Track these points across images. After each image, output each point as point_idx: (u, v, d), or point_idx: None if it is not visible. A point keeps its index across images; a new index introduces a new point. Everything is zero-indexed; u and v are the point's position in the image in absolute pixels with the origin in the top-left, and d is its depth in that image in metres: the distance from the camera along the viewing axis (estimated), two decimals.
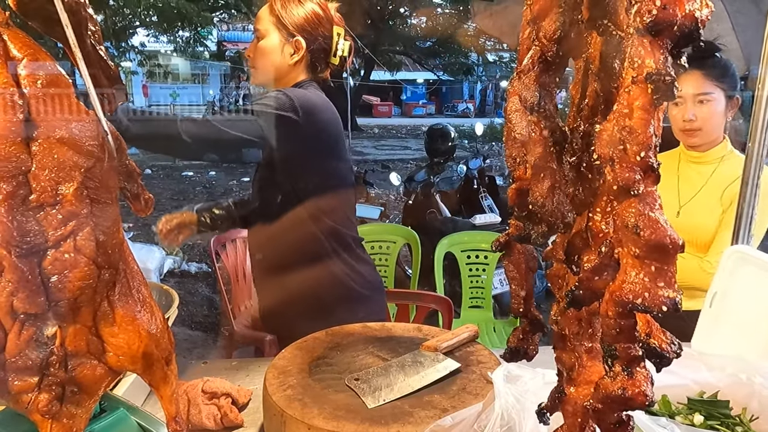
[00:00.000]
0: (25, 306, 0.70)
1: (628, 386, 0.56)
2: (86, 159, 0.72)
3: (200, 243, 7.17)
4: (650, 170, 0.51)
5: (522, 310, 0.78)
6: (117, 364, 0.79)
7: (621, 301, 0.53)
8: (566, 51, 0.65)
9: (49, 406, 0.74)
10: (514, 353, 0.82)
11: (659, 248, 0.51)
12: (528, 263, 0.78)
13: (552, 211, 0.64)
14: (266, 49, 1.87)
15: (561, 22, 0.65)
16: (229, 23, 14.90)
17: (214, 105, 22.73)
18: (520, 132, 0.65)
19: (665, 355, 0.53)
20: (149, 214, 0.89)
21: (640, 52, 0.50)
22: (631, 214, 0.51)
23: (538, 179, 0.66)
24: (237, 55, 20.88)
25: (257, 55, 1.89)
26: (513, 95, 0.71)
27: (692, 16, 0.49)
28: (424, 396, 1.34)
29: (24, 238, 0.69)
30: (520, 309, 0.78)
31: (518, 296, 0.78)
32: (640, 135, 0.50)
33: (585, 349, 0.70)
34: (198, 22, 10.81)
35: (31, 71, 0.69)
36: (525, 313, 0.79)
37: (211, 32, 15.01)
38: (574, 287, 0.61)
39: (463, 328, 1.64)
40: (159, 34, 11.85)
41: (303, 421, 1.23)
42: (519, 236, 0.72)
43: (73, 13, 0.75)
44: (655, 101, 0.50)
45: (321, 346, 1.61)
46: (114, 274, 0.77)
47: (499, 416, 1.05)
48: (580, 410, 0.67)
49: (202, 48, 13.96)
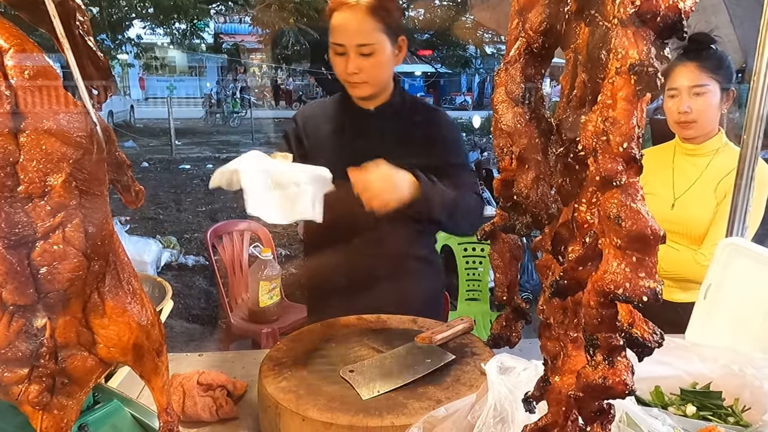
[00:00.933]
0: (14, 297, 0.70)
1: (609, 375, 0.56)
2: (75, 150, 0.71)
3: (197, 236, 7.18)
4: (632, 161, 0.51)
5: (506, 298, 0.80)
6: (107, 355, 0.79)
7: (602, 291, 0.53)
8: (552, 42, 0.66)
9: (39, 397, 0.74)
10: (497, 340, 0.83)
11: (640, 239, 0.51)
12: (512, 252, 0.79)
13: (536, 202, 0.65)
14: (383, 61, 1.77)
15: (547, 13, 0.65)
16: (226, 15, 14.83)
17: (211, 98, 22.67)
18: (506, 123, 0.65)
19: (647, 344, 0.54)
20: (140, 205, 0.89)
21: (624, 43, 0.50)
22: (613, 204, 0.52)
23: (523, 170, 0.66)
24: (234, 47, 20.81)
25: (372, 71, 1.77)
26: (499, 86, 0.72)
27: (675, 7, 0.49)
28: (418, 387, 1.35)
29: (12, 230, 0.69)
30: (503, 297, 0.79)
31: (502, 284, 0.80)
32: (623, 126, 0.50)
33: (570, 339, 0.70)
34: (194, 14, 10.75)
35: (17, 62, 0.68)
36: (508, 300, 0.80)
37: (208, 24, 14.94)
38: (559, 277, 0.61)
39: (458, 320, 1.64)
40: (155, 26, 11.79)
41: (298, 413, 1.24)
42: (504, 226, 0.73)
43: (61, 3, 0.74)
44: (638, 92, 0.50)
45: (316, 338, 1.62)
46: (104, 266, 0.77)
47: (492, 407, 1.06)
48: (564, 399, 0.68)
49: (199, 40, 13.91)
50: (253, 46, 20.19)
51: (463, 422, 1.10)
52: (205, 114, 22.07)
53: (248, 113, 20.90)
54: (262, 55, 21.83)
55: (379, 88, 1.83)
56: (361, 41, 1.72)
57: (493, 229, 0.77)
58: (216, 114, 21.89)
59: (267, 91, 27.45)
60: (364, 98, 1.85)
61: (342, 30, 1.73)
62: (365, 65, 1.74)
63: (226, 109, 21.82)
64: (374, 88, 1.82)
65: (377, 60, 1.75)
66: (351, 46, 1.72)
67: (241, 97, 22.31)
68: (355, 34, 1.72)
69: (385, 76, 1.83)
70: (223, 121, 21.29)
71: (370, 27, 1.72)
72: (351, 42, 1.72)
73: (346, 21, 1.72)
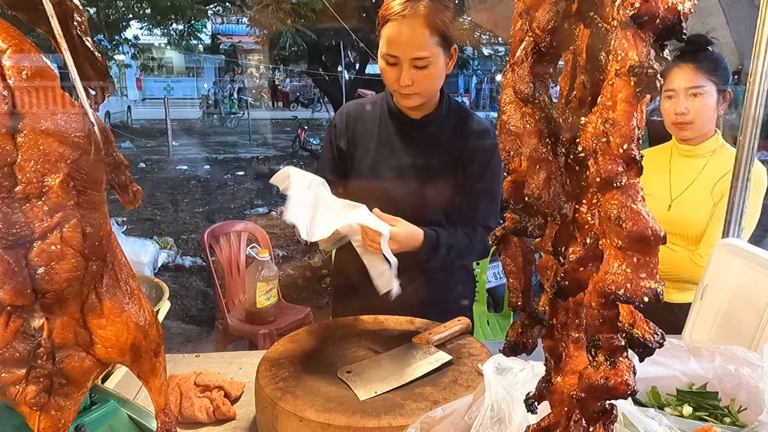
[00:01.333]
0: (11, 298, 0.70)
1: (611, 376, 0.56)
2: (72, 151, 0.71)
3: (194, 237, 7.17)
4: (633, 162, 0.51)
5: (520, 304, 0.78)
6: (105, 356, 0.79)
7: (604, 292, 0.53)
8: (560, 41, 0.65)
9: (36, 398, 0.73)
10: (514, 348, 0.81)
11: (641, 240, 0.51)
12: (525, 256, 0.77)
13: (549, 203, 0.64)
14: (437, 73, 1.74)
15: (555, 12, 0.64)
16: (224, 16, 14.81)
17: (209, 98, 22.65)
18: (514, 124, 0.65)
19: (648, 345, 0.54)
20: (138, 206, 0.89)
21: (624, 45, 0.50)
22: (614, 206, 0.52)
23: (533, 171, 0.65)
24: (231, 48, 20.79)
25: (426, 83, 1.73)
26: (507, 87, 0.71)
27: (674, 9, 0.49)
28: (415, 388, 1.35)
29: (10, 230, 0.68)
30: (518, 303, 0.78)
31: (516, 290, 0.78)
32: (623, 127, 0.50)
33: (572, 340, 0.70)
34: (192, 15, 10.73)
35: (15, 62, 0.68)
36: (523, 306, 0.78)
37: (205, 25, 14.92)
38: (560, 278, 0.61)
39: (456, 321, 1.64)
40: (152, 27, 11.76)
41: (295, 414, 1.24)
42: (515, 229, 0.72)
43: (59, 3, 0.74)
44: (638, 94, 0.51)
45: (314, 339, 1.62)
46: (101, 266, 0.77)
47: (489, 408, 1.06)
48: (567, 399, 0.67)
49: (196, 41, 13.87)
50: (250, 46, 20.18)
51: (460, 423, 1.10)
52: (202, 115, 22.07)
53: (245, 114, 20.89)
54: (259, 56, 21.83)
55: (428, 99, 1.81)
56: (416, 54, 1.67)
57: (505, 234, 0.76)
58: (213, 115, 21.89)
59: (264, 92, 27.44)
60: (412, 108, 1.82)
61: (396, 41, 1.68)
62: (419, 77, 1.70)
63: (224, 110, 21.81)
64: (424, 99, 1.78)
65: (431, 72, 1.71)
66: (405, 59, 1.68)
67: (239, 98, 22.31)
68: (410, 47, 1.67)
69: (437, 88, 1.80)
70: (221, 122, 21.28)
71: (427, 40, 1.67)
72: (406, 55, 1.68)
73: (401, 32, 1.66)
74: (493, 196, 1.92)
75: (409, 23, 1.65)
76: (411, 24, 1.65)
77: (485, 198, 1.89)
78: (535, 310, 0.83)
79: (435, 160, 1.84)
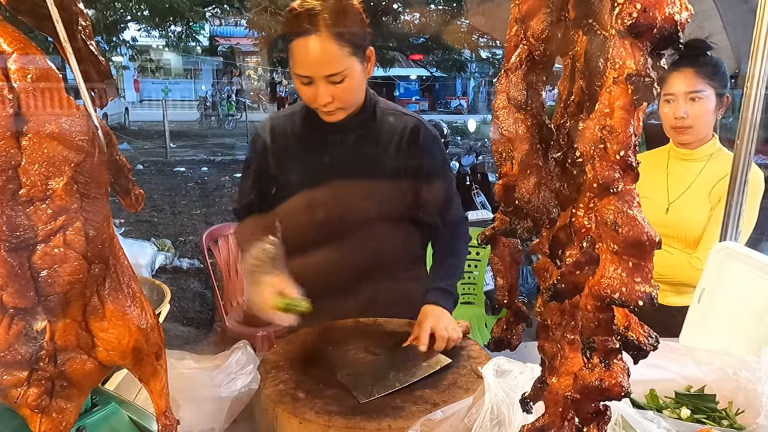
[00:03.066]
0: (14, 300, 0.70)
1: (606, 377, 0.57)
2: (76, 154, 0.72)
3: (192, 239, 7.16)
4: (629, 169, 0.52)
5: (506, 302, 0.80)
6: (107, 358, 0.79)
7: (599, 295, 0.54)
8: (554, 50, 0.66)
9: (38, 400, 0.74)
10: (498, 343, 0.84)
11: (636, 245, 0.52)
12: (513, 256, 0.79)
13: (538, 207, 0.65)
14: (354, 84, 1.62)
15: (549, 21, 0.65)
16: (222, 18, 14.82)
17: (207, 100, 22.65)
18: (507, 129, 0.66)
19: (642, 347, 0.55)
20: (140, 209, 0.90)
21: (621, 54, 0.51)
22: (610, 211, 0.53)
23: (524, 175, 0.67)
24: (229, 50, 20.79)
25: (346, 96, 1.63)
26: (501, 92, 0.72)
27: (672, 19, 0.50)
28: (415, 390, 1.36)
29: (13, 233, 0.69)
30: (504, 300, 0.80)
31: (503, 288, 0.80)
32: (620, 134, 0.51)
33: (567, 341, 0.71)
34: (190, 17, 10.74)
35: (20, 65, 0.69)
36: (509, 304, 0.80)
37: (203, 27, 14.91)
38: (556, 281, 0.62)
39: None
40: (150, 29, 11.77)
41: (295, 416, 1.24)
42: (504, 230, 0.73)
43: (64, 8, 0.75)
44: (635, 101, 0.51)
45: (313, 341, 1.62)
46: (104, 269, 0.77)
47: (488, 410, 1.06)
48: (561, 400, 0.68)
49: (194, 43, 13.87)
50: (248, 49, 20.18)
51: (459, 425, 1.11)
52: (200, 117, 22.05)
53: (243, 116, 20.89)
54: (257, 58, 21.84)
55: (353, 108, 1.71)
56: (330, 71, 1.56)
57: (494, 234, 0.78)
58: (211, 117, 21.88)
59: (262, 94, 27.43)
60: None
61: (305, 61, 1.56)
62: (337, 92, 1.60)
63: (221, 112, 21.81)
64: (349, 110, 1.69)
65: (349, 85, 1.60)
66: (319, 77, 1.56)
67: (237, 100, 22.32)
68: (322, 66, 1.55)
69: (359, 96, 1.70)
70: (218, 123, 21.28)
71: (337, 54, 1.55)
72: (319, 73, 1.56)
73: (309, 51, 1.54)
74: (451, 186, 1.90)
75: (315, 40, 1.53)
76: (317, 40, 1.53)
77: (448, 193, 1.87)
78: (520, 308, 0.85)
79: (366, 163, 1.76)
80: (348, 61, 1.57)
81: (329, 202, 1.76)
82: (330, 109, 1.64)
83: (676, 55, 2.11)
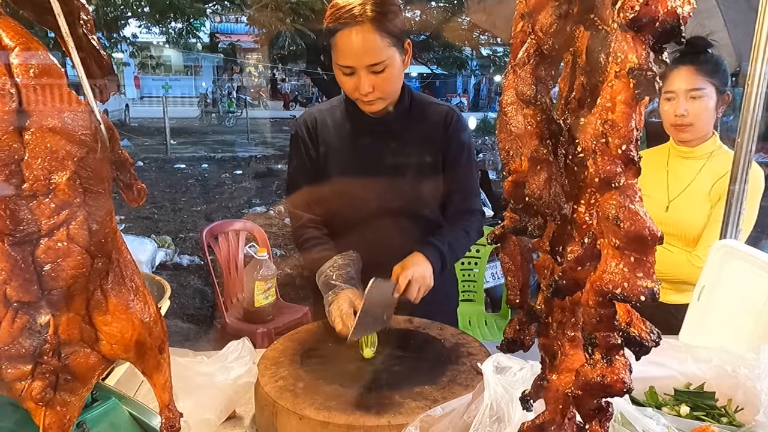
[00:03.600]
0: (18, 294, 0.71)
1: (607, 374, 0.57)
2: (79, 148, 0.72)
3: (192, 235, 7.16)
4: (631, 163, 0.52)
5: (518, 302, 0.79)
6: (110, 352, 0.80)
7: (601, 291, 0.54)
8: (562, 44, 0.66)
9: (42, 393, 0.74)
10: (511, 344, 0.82)
11: (638, 239, 0.52)
12: (523, 255, 0.78)
13: (549, 203, 0.65)
14: (395, 74, 1.70)
15: (557, 15, 0.65)
16: (222, 14, 14.80)
17: (207, 97, 22.63)
18: (516, 125, 0.66)
19: (644, 343, 0.55)
20: (141, 204, 0.90)
21: (623, 48, 0.51)
22: (612, 206, 0.53)
23: (534, 171, 0.66)
24: (230, 47, 20.77)
25: (387, 86, 1.70)
26: (509, 88, 0.72)
27: (674, 13, 0.50)
28: (414, 387, 1.36)
29: (17, 227, 0.69)
30: (516, 300, 0.79)
31: (514, 288, 0.79)
32: (622, 129, 0.51)
33: (568, 338, 0.71)
34: (190, 14, 10.72)
35: (23, 60, 0.69)
36: (521, 304, 0.79)
37: (204, 24, 14.89)
38: (558, 277, 0.62)
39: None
40: (151, 25, 11.75)
41: (294, 412, 1.25)
42: (514, 228, 0.73)
43: (65, 2, 0.75)
44: (637, 96, 0.51)
45: (313, 338, 1.63)
46: (107, 263, 0.78)
47: (488, 406, 1.07)
48: (562, 397, 0.69)
49: (195, 39, 13.84)
50: (249, 45, 20.15)
51: (459, 421, 1.11)
52: (200, 113, 22.05)
53: (244, 113, 20.88)
54: (258, 55, 21.80)
55: (392, 100, 1.78)
56: (372, 61, 1.64)
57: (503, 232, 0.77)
58: (211, 113, 21.87)
59: (263, 91, 27.42)
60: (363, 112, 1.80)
61: (349, 51, 1.64)
62: (378, 82, 1.67)
63: (222, 109, 21.80)
64: (387, 101, 1.76)
65: (389, 75, 1.68)
66: (361, 67, 1.65)
67: (237, 97, 22.30)
68: (364, 55, 1.63)
69: (398, 87, 1.77)
70: (219, 120, 21.27)
71: (379, 44, 1.62)
72: (361, 63, 1.64)
73: (351, 41, 1.62)
74: (474, 178, 1.93)
75: (359, 31, 1.61)
76: (360, 31, 1.61)
77: (470, 183, 1.90)
78: (532, 308, 0.84)
79: (408, 155, 1.83)
80: (389, 51, 1.65)
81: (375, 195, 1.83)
82: (371, 99, 1.71)
83: (677, 53, 2.11)
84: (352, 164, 1.84)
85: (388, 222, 1.84)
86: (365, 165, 1.83)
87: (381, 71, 1.66)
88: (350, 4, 1.62)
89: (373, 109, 1.76)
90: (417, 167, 1.83)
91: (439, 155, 1.84)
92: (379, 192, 1.83)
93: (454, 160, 1.85)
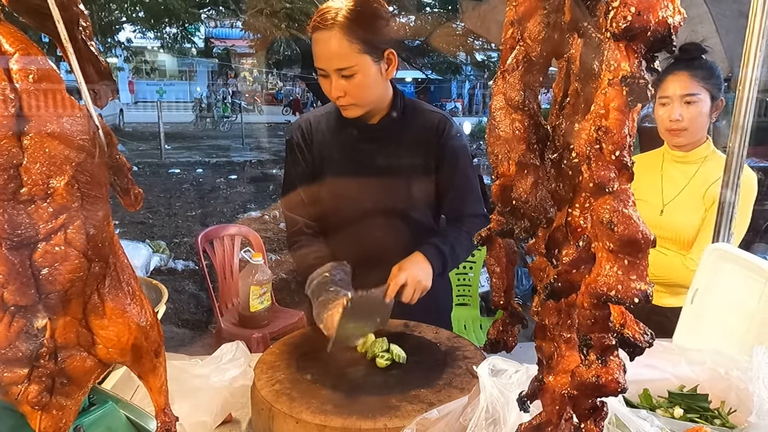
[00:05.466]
0: (15, 298, 0.71)
1: (602, 374, 0.58)
2: (77, 153, 0.72)
3: (187, 240, 7.15)
4: (624, 169, 0.53)
5: (502, 303, 0.81)
6: (106, 356, 0.80)
7: (596, 293, 0.55)
8: (550, 51, 0.67)
9: (38, 397, 0.74)
10: (495, 345, 0.85)
11: (632, 243, 0.53)
12: (509, 257, 0.80)
13: (535, 207, 0.66)
14: (367, 81, 1.69)
15: (546, 23, 0.67)
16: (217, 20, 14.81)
17: (202, 102, 22.61)
18: (504, 129, 0.67)
19: (638, 344, 0.56)
20: (138, 209, 0.90)
21: (616, 56, 0.52)
22: (606, 210, 0.54)
23: (521, 175, 0.68)
24: (225, 52, 20.77)
25: (357, 92, 1.70)
26: (498, 93, 0.73)
27: (665, 23, 0.51)
28: (410, 390, 1.36)
29: (15, 231, 0.69)
30: (500, 301, 0.81)
31: (499, 289, 0.81)
32: (616, 135, 0.53)
33: (563, 340, 0.72)
34: (185, 19, 10.72)
35: (22, 66, 0.69)
36: (505, 305, 0.81)
37: (199, 29, 14.90)
38: (553, 280, 0.63)
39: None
40: (146, 30, 11.75)
41: (291, 416, 1.25)
42: (501, 231, 0.74)
43: (65, 8, 0.75)
44: (630, 103, 0.53)
45: (308, 342, 1.63)
46: (104, 267, 0.78)
47: (484, 409, 1.07)
48: (558, 398, 0.69)
49: (190, 44, 13.86)
50: (243, 50, 20.16)
51: (455, 424, 1.12)
52: (195, 118, 22.02)
53: (238, 118, 20.86)
54: (253, 60, 21.82)
55: (370, 107, 1.77)
56: (339, 65, 1.65)
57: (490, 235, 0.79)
58: (206, 118, 21.85)
59: (258, 96, 27.41)
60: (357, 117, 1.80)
61: (320, 54, 1.67)
62: (349, 88, 1.68)
63: (216, 114, 21.79)
64: (363, 108, 1.76)
65: (361, 81, 1.68)
66: (330, 70, 1.67)
67: (232, 102, 22.29)
68: (332, 58, 1.65)
69: (373, 96, 1.76)
70: (213, 125, 21.25)
71: (348, 49, 1.63)
72: (329, 66, 1.66)
73: (323, 44, 1.65)
74: (473, 183, 1.93)
75: (329, 34, 1.63)
76: (331, 34, 1.63)
77: (467, 187, 1.91)
78: (516, 310, 0.86)
79: (400, 160, 1.83)
80: (358, 57, 1.66)
81: (371, 200, 1.85)
82: (343, 104, 1.74)
83: (672, 59, 2.13)
84: (346, 169, 1.85)
85: (382, 226, 1.85)
86: (358, 170, 1.84)
87: (350, 76, 1.67)
88: (327, 8, 1.66)
89: (349, 114, 1.77)
90: (409, 172, 1.84)
91: (432, 162, 1.84)
92: (373, 196, 1.84)
93: (449, 166, 1.86)
